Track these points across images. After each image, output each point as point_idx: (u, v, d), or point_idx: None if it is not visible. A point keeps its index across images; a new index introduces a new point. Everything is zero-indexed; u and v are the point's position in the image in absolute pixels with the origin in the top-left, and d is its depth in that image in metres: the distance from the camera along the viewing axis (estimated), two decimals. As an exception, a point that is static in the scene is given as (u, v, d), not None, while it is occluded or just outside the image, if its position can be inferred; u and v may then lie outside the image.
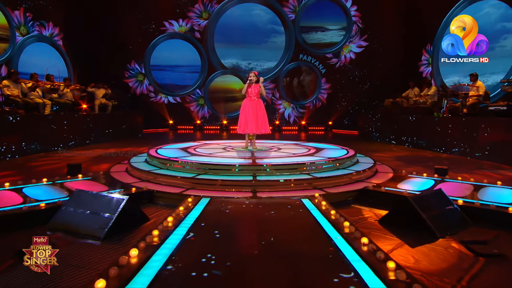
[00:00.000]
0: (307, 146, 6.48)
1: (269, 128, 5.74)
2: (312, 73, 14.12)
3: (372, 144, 9.38)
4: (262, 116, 5.59)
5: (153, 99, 13.94)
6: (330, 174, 4.50)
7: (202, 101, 14.16)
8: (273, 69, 14.21)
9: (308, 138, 11.06)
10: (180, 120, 14.11)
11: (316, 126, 14.36)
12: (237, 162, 4.69)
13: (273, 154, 5.53)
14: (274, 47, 14.13)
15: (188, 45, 13.83)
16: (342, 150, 5.93)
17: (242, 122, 5.60)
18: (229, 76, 14.15)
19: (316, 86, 14.20)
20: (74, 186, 4.01)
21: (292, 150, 5.86)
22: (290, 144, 6.89)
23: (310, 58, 14.13)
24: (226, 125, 14.07)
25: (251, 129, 5.57)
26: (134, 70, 13.71)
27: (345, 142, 8.95)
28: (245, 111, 5.55)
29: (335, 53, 14.06)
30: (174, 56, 13.80)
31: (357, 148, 7.14)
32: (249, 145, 5.96)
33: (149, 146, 7.38)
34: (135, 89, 13.80)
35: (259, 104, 5.59)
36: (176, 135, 12.26)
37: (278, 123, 14.26)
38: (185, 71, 13.97)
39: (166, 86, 13.97)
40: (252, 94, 5.61)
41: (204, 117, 14.26)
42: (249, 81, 5.52)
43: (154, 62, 13.83)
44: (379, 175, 4.91)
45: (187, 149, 5.84)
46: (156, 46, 13.75)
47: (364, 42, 13.85)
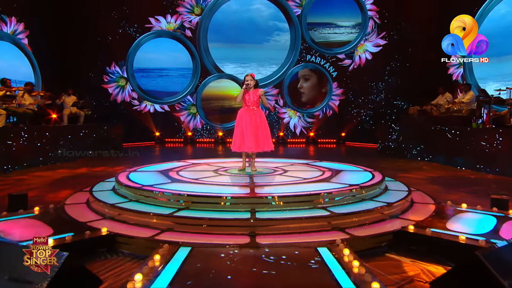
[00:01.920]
0: (320, 167, 5.89)
1: (272, 144, 5.20)
2: (321, 76, 13.96)
3: (396, 161, 8.98)
4: (262, 130, 5.08)
5: (137, 107, 13.70)
6: (354, 209, 3.83)
7: (193, 109, 13.96)
8: (276, 72, 14.04)
9: (318, 153, 10.83)
10: (168, 131, 13.97)
11: (326, 139, 14.17)
12: (230, 192, 4.06)
13: (277, 179, 4.93)
14: (277, 47, 14.01)
15: (178, 45, 13.65)
16: (365, 172, 5.35)
17: (237, 138, 5.09)
18: (226, 81, 13.98)
19: (326, 91, 13.96)
20: (6, 228, 3.29)
21: (301, 173, 5.29)
22: (299, 164, 6.35)
23: (319, 60, 13.96)
24: (222, 138, 13.91)
25: (249, 147, 5.03)
26: (115, 74, 13.47)
27: (364, 159, 8.67)
28: (242, 124, 5.06)
29: (348, 54, 13.88)
30: (161, 58, 13.71)
31: (379, 166, 6.85)
32: (247, 166, 5.40)
33: (126, 166, 7.12)
34: (116, 95, 13.53)
35: (258, 115, 5.10)
36: (163, 150, 12.04)
37: (282, 135, 14.05)
38: (174, 75, 13.87)
39: (151, 92, 13.79)
40: (250, 103, 5.12)
41: (196, 129, 14.07)
42: (246, 86, 5.04)
43: (138, 65, 13.64)
44: (417, 208, 4.25)
45: (169, 172, 5.28)
46: (140, 46, 13.55)
47: (382, 41, 13.56)
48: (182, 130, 14.05)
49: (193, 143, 13.83)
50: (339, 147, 13.03)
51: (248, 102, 5.13)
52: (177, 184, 4.49)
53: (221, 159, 7.12)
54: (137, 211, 3.78)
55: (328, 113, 14.08)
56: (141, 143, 13.36)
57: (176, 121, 13.92)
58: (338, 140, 14.10)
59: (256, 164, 5.52)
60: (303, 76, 14.06)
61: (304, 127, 14.18)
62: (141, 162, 7.64)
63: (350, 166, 5.98)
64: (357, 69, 13.77)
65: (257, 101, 5.14)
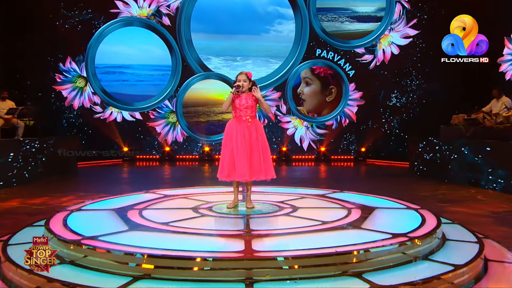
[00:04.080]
0: (342, 201, 5.34)
1: (273, 170, 4.81)
2: (334, 76, 13.75)
3: (438, 186, 8.58)
4: (260, 149, 4.74)
5: (99, 115, 13.34)
6: (405, 276, 3.15)
7: (173, 118, 13.69)
8: (278, 71, 13.82)
9: (333, 175, 10.68)
10: (140, 146, 13.72)
11: (342, 155, 14.05)
12: (214, 248, 3.48)
13: (284, 223, 4.40)
14: (279, 39, 13.88)
15: (153, 36, 13.40)
16: (408, 210, 4.82)
17: (225, 162, 4.72)
18: (214, 82, 13.77)
19: (340, 95, 13.78)
20: None
21: (318, 212, 4.83)
22: (312, 196, 5.84)
23: (332, 55, 13.72)
24: (209, 154, 13.71)
25: (241, 174, 4.63)
26: (71, 73, 13.13)
27: (394, 185, 8.56)
28: (231, 142, 4.71)
29: (369, 47, 13.67)
30: (131, 53, 13.55)
31: (417, 195, 6.67)
32: (240, 200, 5.02)
33: (77, 196, 6.87)
34: (72, 100, 13.20)
35: (254, 128, 4.76)
36: (132, 171, 11.86)
37: (285, 150, 13.90)
38: (148, 74, 13.68)
39: (119, 95, 13.48)
40: (242, 111, 4.77)
41: (176, 142, 13.77)
42: (236, 88, 4.72)
43: (101, 61, 13.34)
44: (496, 271, 3.55)
45: (129, 211, 4.71)
46: (104, 38, 13.22)
47: (413, 30, 13.31)
48: (158, 145, 13.76)
49: (171, 161, 13.59)
50: (359, 167, 12.85)
51: (239, 111, 4.75)
52: (136, 233, 3.88)
53: (205, 188, 6.69)
54: (69, 284, 3.01)
55: (344, 122, 13.90)
56: (104, 161, 13.06)
57: (150, 133, 13.67)
58: (357, 157, 13.95)
59: (253, 196, 5.08)
60: (304, 79, 13.92)
61: (313, 140, 13.99)
62: (99, 189, 7.42)
63: (383, 200, 5.46)
64: (380, 67, 13.61)
65: (253, 108, 4.78)
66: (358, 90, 13.72)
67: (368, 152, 13.92)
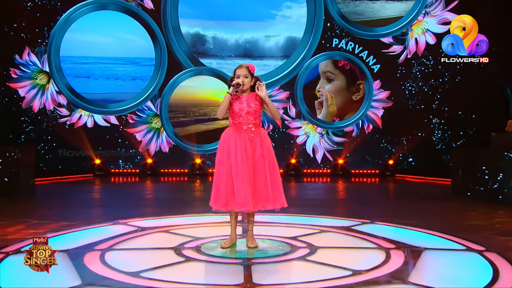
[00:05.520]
0: (375, 237, 5.30)
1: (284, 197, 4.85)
2: (355, 72, 13.51)
3: (493, 211, 8.23)
4: (266, 169, 4.72)
5: (65, 119, 13.04)
6: None
7: (157, 123, 13.43)
8: (286, 65, 13.60)
9: (355, 196, 10.64)
10: (115, 158, 13.45)
11: (364, 169, 13.76)
12: None
13: (299, 270, 4.29)
14: (287, 27, 13.70)
15: (132, 23, 13.15)
16: (468, 254, 4.70)
17: (221, 186, 4.71)
18: (207, 79, 13.51)
19: (363, 95, 13.55)
20: None
21: (345, 255, 4.72)
22: (333, 228, 5.75)
23: (352, 45, 13.46)
24: (201, 167, 13.44)
25: (242, 203, 4.57)
26: (29, 67, 12.92)
27: (437, 209, 8.45)
28: (228, 159, 4.69)
29: (398, 36, 13.41)
30: (105, 42, 13.29)
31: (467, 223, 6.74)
32: (238, 236, 5.02)
33: (25, 226, 6.58)
34: (31, 100, 12.96)
35: (259, 141, 4.76)
36: (104, 189, 11.54)
37: (294, 163, 13.64)
38: (127, 69, 13.46)
39: (90, 95, 13.26)
40: (243, 118, 4.75)
41: (160, 152, 13.50)
42: (235, 87, 4.70)
43: (68, 52, 13.04)
44: None
45: (88, 254, 4.59)
46: (72, 24, 12.97)
47: (453, 15, 12.85)
48: (138, 155, 13.51)
49: (154, 176, 13.30)
50: (386, 184, 12.52)
51: (239, 117, 4.75)
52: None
53: (193, 216, 6.57)
54: None
55: (367, 129, 13.58)
56: (69, 177, 12.76)
57: (128, 141, 13.42)
58: (384, 171, 13.60)
59: (257, 229, 5.03)
60: (324, 74, 13.74)
61: (328, 150, 13.65)
62: (58, 215, 7.10)
63: (430, 236, 5.59)
64: (413, 60, 13.35)
65: (257, 113, 4.78)
66: (384, 88, 13.41)
67: (397, 166, 13.59)
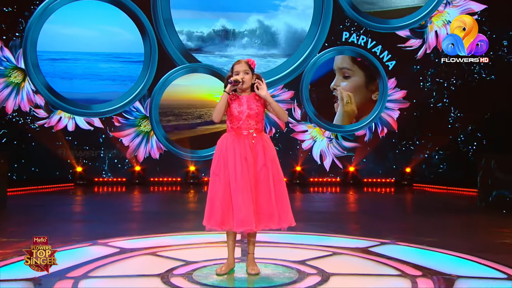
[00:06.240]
0: (396, 262, 5.26)
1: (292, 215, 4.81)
2: (366, 69, 13.67)
3: None
4: (270, 182, 4.68)
5: (43, 122, 13.18)
6: None
7: (146, 126, 13.61)
8: (290, 62, 13.72)
9: (368, 207, 10.57)
10: (99, 165, 13.67)
11: (378, 178, 14.08)
12: None
13: None
14: (292, 18, 13.90)
15: (119, 14, 13.33)
16: (508, 282, 4.65)
17: (217, 201, 4.66)
18: (202, 77, 13.73)
19: (376, 95, 13.71)
20: None
21: (362, 284, 4.69)
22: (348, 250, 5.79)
23: (364, 40, 13.60)
24: (195, 175, 13.64)
25: (242, 222, 4.52)
26: (2, 63, 13.09)
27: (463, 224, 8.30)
28: (226, 169, 4.69)
29: (417, 29, 13.52)
30: (88, 36, 13.62)
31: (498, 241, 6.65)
32: (237, 260, 4.98)
33: None
34: (4, 100, 13.11)
35: (262, 149, 4.76)
36: (87, 201, 11.63)
37: (299, 170, 13.83)
38: (112, 66, 13.72)
39: (71, 95, 13.41)
40: (243, 122, 4.74)
41: (150, 159, 13.69)
42: (233, 85, 4.69)
43: (46, 47, 13.25)
44: None
45: (60, 281, 4.50)
46: (50, 15, 13.08)
47: (478, 5, 13.03)
48: (125, 163, 13.72)
49: (143, 185, 13.40)
50: (403, 194, 12.60)
51: (238, 121, 4.73)
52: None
53: (185, 235, 6.62)
54: None
55: (381, 133, 13.74)
56: (47, 187, 12.80)
57: (114, 147, 13.60)
58: (400, 181, 13.75)
59: (258, 251, 4.90)
60: (341, 71, 13.78)
61: (338, 157, 13.83)
62: (31, 232, 6.86)
63: (463, 261, 5.41)
64: (432, 55, 13.37)
65: (259, 116, 4.78)
66: (400, 87, 13.55)
67: (415, 174, 13.71)
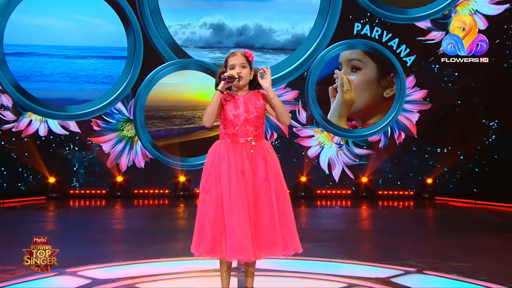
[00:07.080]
0: None
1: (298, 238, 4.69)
2: (380, 62, 13.51)
3: None
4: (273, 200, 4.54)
5: (11, 126, 13.07)
6: None
7: (129, 130, 13.46)
8: (294, 58, 13.61)
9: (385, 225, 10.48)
10: (75, 176, 13.55)
11: (395, 190, 13.78)
12: None
13: None
14: (295, 8, 13.86)
15: (99, 3, 13.20)
16: None
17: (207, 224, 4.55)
18: (194, 74, 13.52)
19: (392, 95, 13.53)
20: None
21: None
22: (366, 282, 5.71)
23: (379, 32, 13.44)
24: (185, 186, 13.54)
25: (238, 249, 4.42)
26: None
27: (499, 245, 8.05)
28: (218, 185, 4.60)
29: (439, 20, 13.34)
30: (63, 27, 13.43)
31: None
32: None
33: None
34: None
35: (262, 160, 4.65)
36: (60, 217, 11.48)
37: (305, 181, 13.68)
38: (91, 62, 13.64)
39: (43, 94, 13.28)
40: (239, 128, 4.64)
41: (134, 168, 13.56)
42: (228, 81, 4.54)
43: (14, 40, 13.14)
44: None
45: None
46: (19, 3, 12.99)
47: None
48: (105, 172, 13.63)
49: (126, 198, 13.21)
50: (424, 209, 12.45)
51: (233, 126, 4.61)
52: None
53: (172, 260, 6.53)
54: None
55: (398, 138, 13.51)
56: (14, 200, 12.71)
57: (93, 154, 13.50)
58: (420, 193, 13.48)
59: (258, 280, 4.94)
60: (349, 63, 13.60)
61: (349, 166, 13.61)
62: None
63: None
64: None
65: (259, 120, 4.68)
66: (419, 86, 13.33)
67: (437, 186, 13.48)
